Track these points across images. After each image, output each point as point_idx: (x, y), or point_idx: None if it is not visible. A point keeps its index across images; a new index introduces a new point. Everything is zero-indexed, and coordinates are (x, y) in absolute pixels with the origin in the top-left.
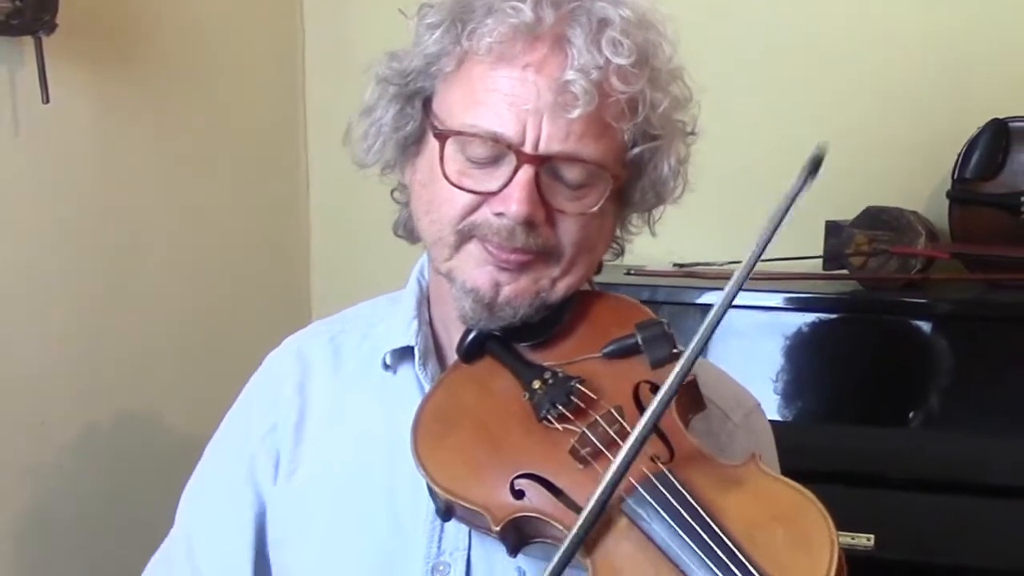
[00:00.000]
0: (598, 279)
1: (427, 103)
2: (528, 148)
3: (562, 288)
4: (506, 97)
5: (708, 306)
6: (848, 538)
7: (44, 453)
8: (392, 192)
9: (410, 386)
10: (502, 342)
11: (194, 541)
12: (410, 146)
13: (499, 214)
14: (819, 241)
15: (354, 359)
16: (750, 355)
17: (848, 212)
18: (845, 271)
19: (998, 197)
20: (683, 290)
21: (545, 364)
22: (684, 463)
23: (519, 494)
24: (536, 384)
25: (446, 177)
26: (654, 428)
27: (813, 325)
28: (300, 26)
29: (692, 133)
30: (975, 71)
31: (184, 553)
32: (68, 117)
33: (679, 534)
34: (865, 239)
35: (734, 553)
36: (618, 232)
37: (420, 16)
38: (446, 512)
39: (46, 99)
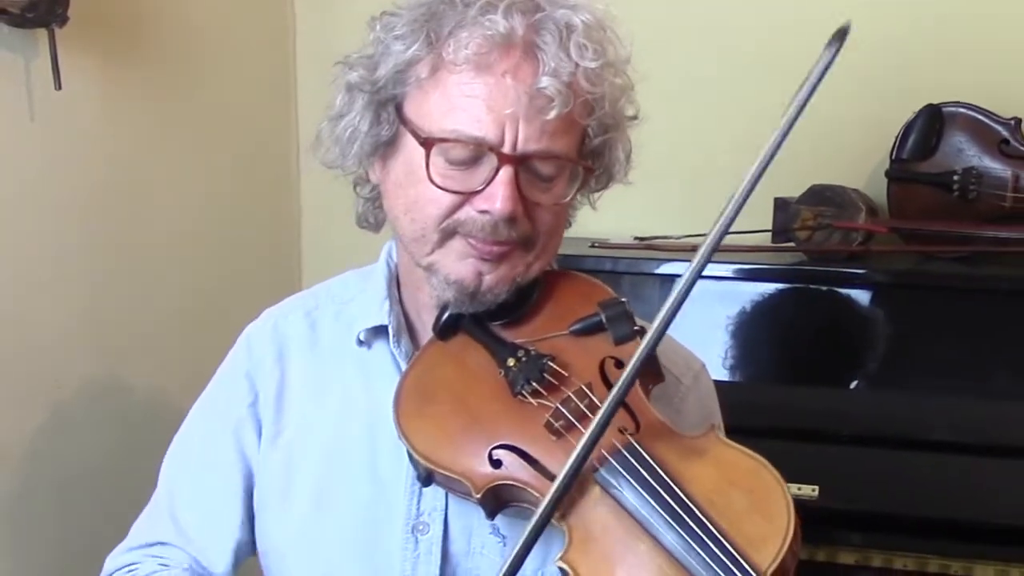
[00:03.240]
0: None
1: (399, 108)
2: (507, 149)
3: (535, 270)
4: (485, 103)
5: (667, 276)
6: (795, 489)
7: (58, 412)
8: (355, 187)
9: (385, 361)
10: (476, 320)
11: (176, 499)
12: (380, 148)
13: (483, 211)
14: (768, 216)
15: (330, 334)
16: (706, 322)
17: (795, 190)
18: (792, 244)
19: (932, 176)
20: (644, 261)
21: (517, 341)
22: (649, 434)
23: (497, 463)
24: (510, 361)
25: (432, 181)
26: (622, 402)
27: (763, 294)
28: (291, 20)
29: (635, 118)
30: (912, 61)
31: (167, 511)
32: (79, 103)
33: (648, 500)
34: (811, 214)
35: (698, 517)
36: (581, 198)
37: (385, 26)
38: (427, 478)
39: (58, 86)
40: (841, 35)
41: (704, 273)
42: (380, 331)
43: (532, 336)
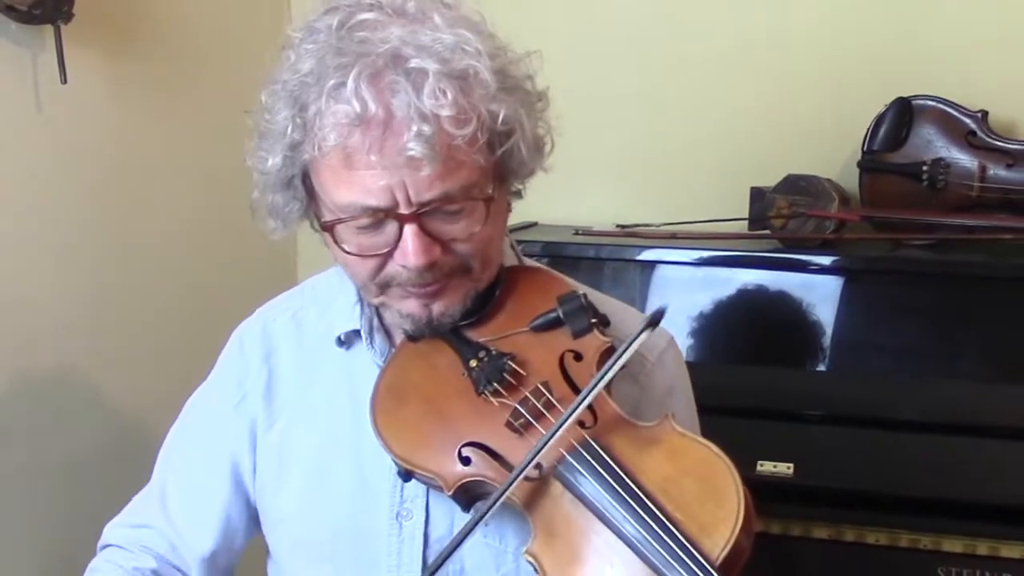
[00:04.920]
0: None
1: (306, 179)
2: (403, 208)
3: (485, 281)
4: (366, 176)
5: (648, 262)
6: (771, 467)
7: (63, 397)
8: (311, 224)
9: (365, 360)
10: None
11: (167, 487)
12: (307, 213)
13: (403, 266)
14: (745, 205)
15: (314, 334)
16: (685, 306)
17: (770, 179)
18: (768, 231)
19: (902, 166)
20: (625, 248)
21: (480, 340)
22: (606, 428)
23: (466, 461)
24: (473, 363)
25: (347, 253)
26: (582, 405)
27: (740, 279)
28: (288, 17)
29: (540, 100)
30: (883, 55)
31: (157, 496)
32: (84, 96)
33: (604, 494)
34: (785, 203)
35: (650, 508)
36: (512, 192)
37: (267, 107)
38: (407, 476)
39: (64, 80)
40: (655, 319)
41: (684, 259)
42: (356, 333)
43: (495, 334)
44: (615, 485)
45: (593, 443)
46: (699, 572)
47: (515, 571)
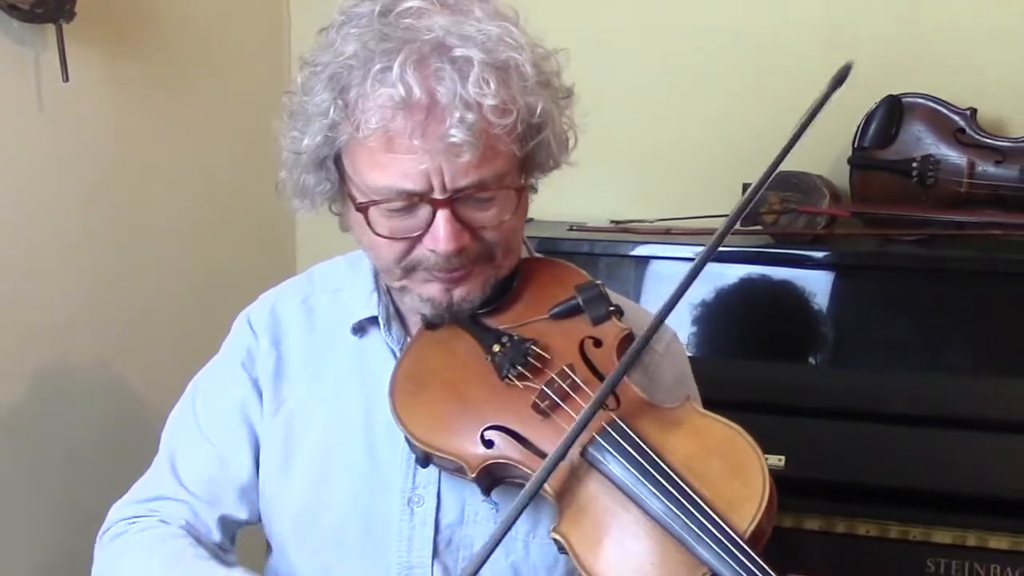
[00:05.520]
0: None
1: (338, 161)
2: (438, 194)
3: (505, 270)
4: (405, 160)
5: (641, 258)
6: None
7: (65, 386)
8: (330, 207)
9: (380, 348)
10: None
11: (177, 457)
12: (333, 197)
13: (432, 250)
14: (737, 201)
15: (325, 321)
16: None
17: None
18: (760, 227)
19: (892, 163)
20: (619, 244)
21: (500, 328)
22: (630, 409)
23: (489, 444)
24: (495, 347)
25: (378, 235)
26: (609, 391)
27: (732, 274)
28: (287, 17)
29: (566, 97)
30: (873, 53)
31: (168, 468)
32: (85, 94)
33: (632, 471)
34: (777, 199)
35: (679, 484)
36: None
37: (305, 87)
38: (425, 460)
39: (66, 79)
40: (841, 76)
41: (676, 255)
42: (372, 320)
43: (514, 322)
44: (644, 462)
45: (621, 423)
46: (729, 545)
47: (524, 558)
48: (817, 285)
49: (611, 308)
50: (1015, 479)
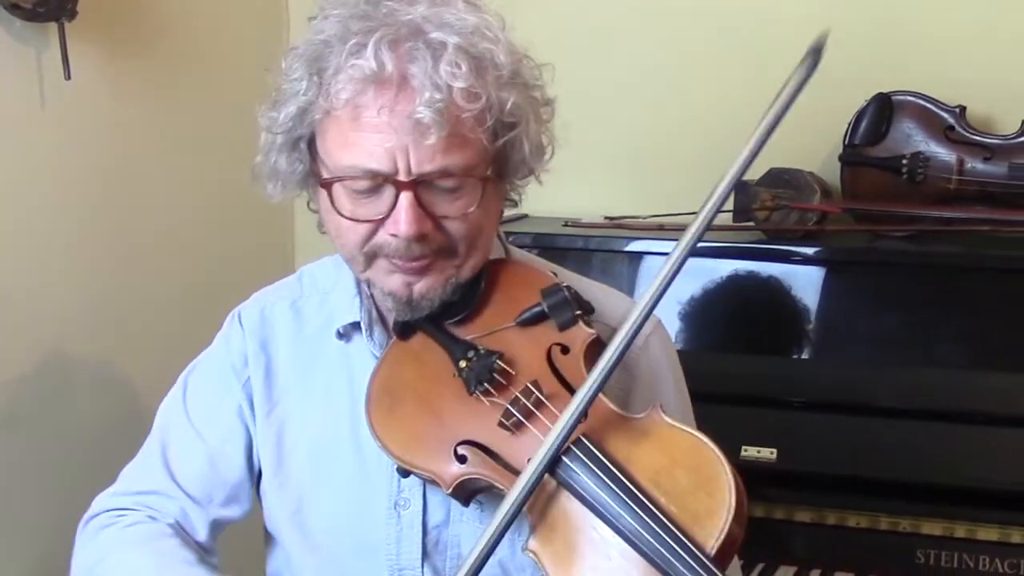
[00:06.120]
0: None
1: (312, 143)
2: (402, 176)
3: (468, 270)
4: (372, 138)
5: (635, 253)
6: (754, 452)
7: (64, 381)
8: (308, 203)
9: (364, 352)
10: (430, 319)
11: (170, 450)
12: (303, 181)
13: (393, 235)
14: (729, 197)
15: (314, 323)
16: (672, 295)
17: (754, 172)
18: (752, 223)
19: (882, 160)
20: (613, 239)
21: (469, 338)
22: (598, 423)
23: (462, 459)
24: (463, 363)
25: (341, 215)
26: (574, 416)
27: (725, 269)
28: (286, 16)
29: (546, 104)
30: (864, 51)
31: (160, 461)
32: (86, 92)
33: (598, 490)
34: (769, 196)
35: (643, 502)
36: (508, 190)
37: (286, 69)
38: (404, 472)
39: (68, 77)
40: (817, 51)
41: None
42: (356, 325)
43: (482, 331)
44: (608, 481)
45: (585, 441)
46: (694, 563)
47: (511, 557)
48: (808, 280)
49: (577, 312)
50: (1003, 471)
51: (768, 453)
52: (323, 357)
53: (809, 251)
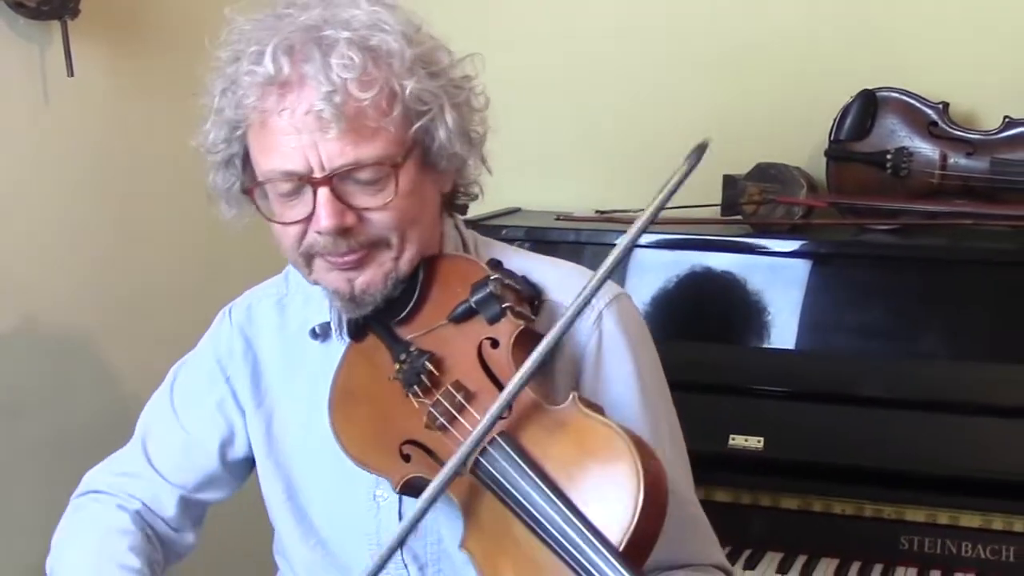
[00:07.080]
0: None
1: (246, 159)
2: (316, 173)
3: (406, 262)
4: (282, 140)
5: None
6: (742, 441)
7: (70, 365)
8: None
9: (338, 351)
10: (376, 319)
11: (149, 435)
12: (242, 191)
13: (318, 232)
14: (718, 192)
15: (296, 321)
16: (660, 287)
17: (742, 167)
18: (739, 217)
19: (867, 155)
20: (604, 232)
21: (409, 337)
22: (520, 417)
23: (407, 458)
24: (397, 365)
25: (272, 220)
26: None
27: (713, 262)
28: None
29: (459, 87)
30: (849, 48)
31: (140, 444)
32: (89, 89)
33: (511, 488)
34: (756, 190)
35: (551, 498)
36: (459, 182)
37: (208, 87)
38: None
39: (71, 73)
40: (699, 150)
41: (659, 243)
42: (329, 325)
43: (422, 329)
44: (520, 478)
45: (500, 440)
46: (601, 560)
47: None
48: (794, 273)
49: (504, 306)
50: (985, 460)
51: (755, 442)
52: (306, 354)
53: (795, 244)
